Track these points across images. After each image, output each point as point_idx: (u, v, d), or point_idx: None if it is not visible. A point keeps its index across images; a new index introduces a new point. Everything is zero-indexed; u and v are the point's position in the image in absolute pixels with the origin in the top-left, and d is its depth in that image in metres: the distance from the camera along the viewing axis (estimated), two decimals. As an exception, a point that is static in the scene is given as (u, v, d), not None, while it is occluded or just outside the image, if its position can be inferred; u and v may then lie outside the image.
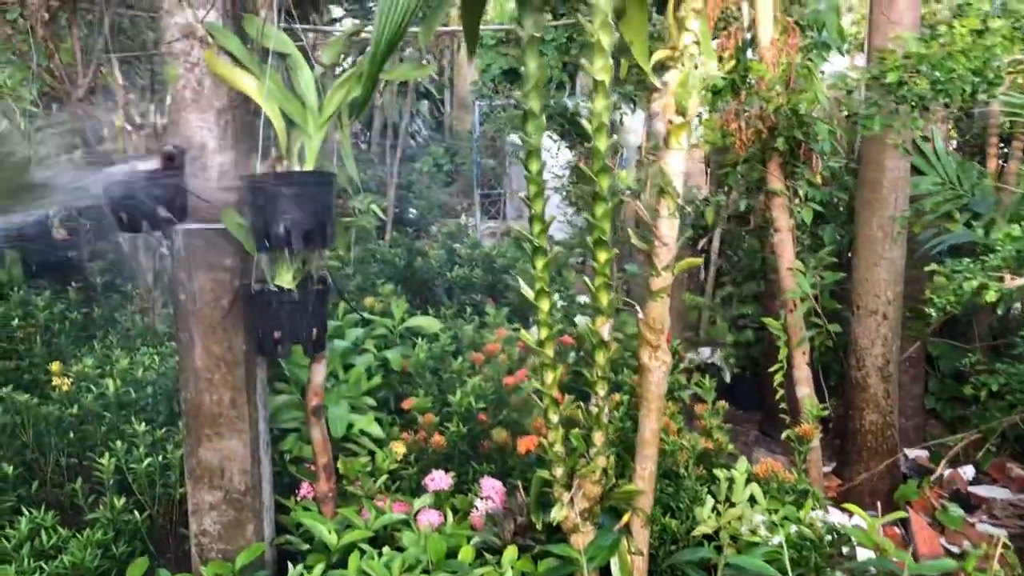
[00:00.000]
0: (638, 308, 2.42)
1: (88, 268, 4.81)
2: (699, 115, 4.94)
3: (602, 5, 2.15)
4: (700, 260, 2.50)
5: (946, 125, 4.46)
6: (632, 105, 5.68)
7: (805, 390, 3.62)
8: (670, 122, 2.26)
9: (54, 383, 3.32)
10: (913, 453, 4.16)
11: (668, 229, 2.34)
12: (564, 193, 6.56)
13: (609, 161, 6.05)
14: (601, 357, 2.38)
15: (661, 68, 2.28)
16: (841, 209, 4.61)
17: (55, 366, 3.39)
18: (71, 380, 3.37)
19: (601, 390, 2.41)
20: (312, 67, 2.55)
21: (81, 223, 3.66)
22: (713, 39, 3.70)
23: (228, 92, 2.52)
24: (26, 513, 2.81)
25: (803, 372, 3.60)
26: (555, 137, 7.06)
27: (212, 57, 2.47)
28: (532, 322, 4.99)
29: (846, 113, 4.71)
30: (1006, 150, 4.83)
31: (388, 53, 1.74)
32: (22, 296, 4.26)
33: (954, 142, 5.22)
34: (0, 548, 2.65)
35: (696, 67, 2.22)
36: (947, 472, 3.79)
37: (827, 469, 3.94)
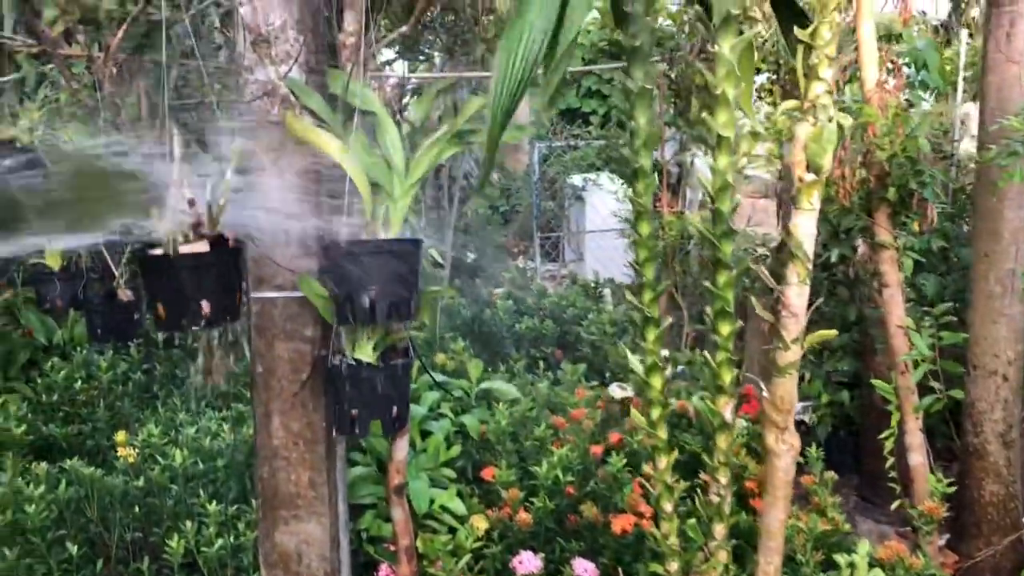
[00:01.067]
0: (762, 385, 2.18)
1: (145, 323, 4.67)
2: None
3: (727, 55, 1.95)
4: (835, 332, 2.25)
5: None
6: (704, 147, 5.46)
7: (918, 458, 3.33)
8: (800, 179, 2.04)
9: (120, 453, 3.16)
10: (1033, 525, 3.81)
11: (797, 298, 2.11)
12: (631, 238, 6.31)
13: (673, 202, 5.71)
14: (723, 441, 2.13)
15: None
16: (939, 258, 4.31)
17: (120, 436, 3.22)
18: (136, 450, 3.21)
19: (723, 477, 2.16)
20: (400, 126, 2.37)
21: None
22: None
23: (311, 153, 2.35)
24: (91, 598, 2.66)
25: (916, 439, 3.31)
26: (618, 180, 6.84)
27: (292, 118, 2.29)
28: (608, 379, 4.75)
29: (943, 156, 4.45)
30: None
31: (507, 122, 1.57)
32: (84, 356, 4.13)
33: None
34: (64, 639, 2.48)
35: (830, 120, 2.00)
36: (1076, 549, 3.45)
37: (940, 543, 3.61)
